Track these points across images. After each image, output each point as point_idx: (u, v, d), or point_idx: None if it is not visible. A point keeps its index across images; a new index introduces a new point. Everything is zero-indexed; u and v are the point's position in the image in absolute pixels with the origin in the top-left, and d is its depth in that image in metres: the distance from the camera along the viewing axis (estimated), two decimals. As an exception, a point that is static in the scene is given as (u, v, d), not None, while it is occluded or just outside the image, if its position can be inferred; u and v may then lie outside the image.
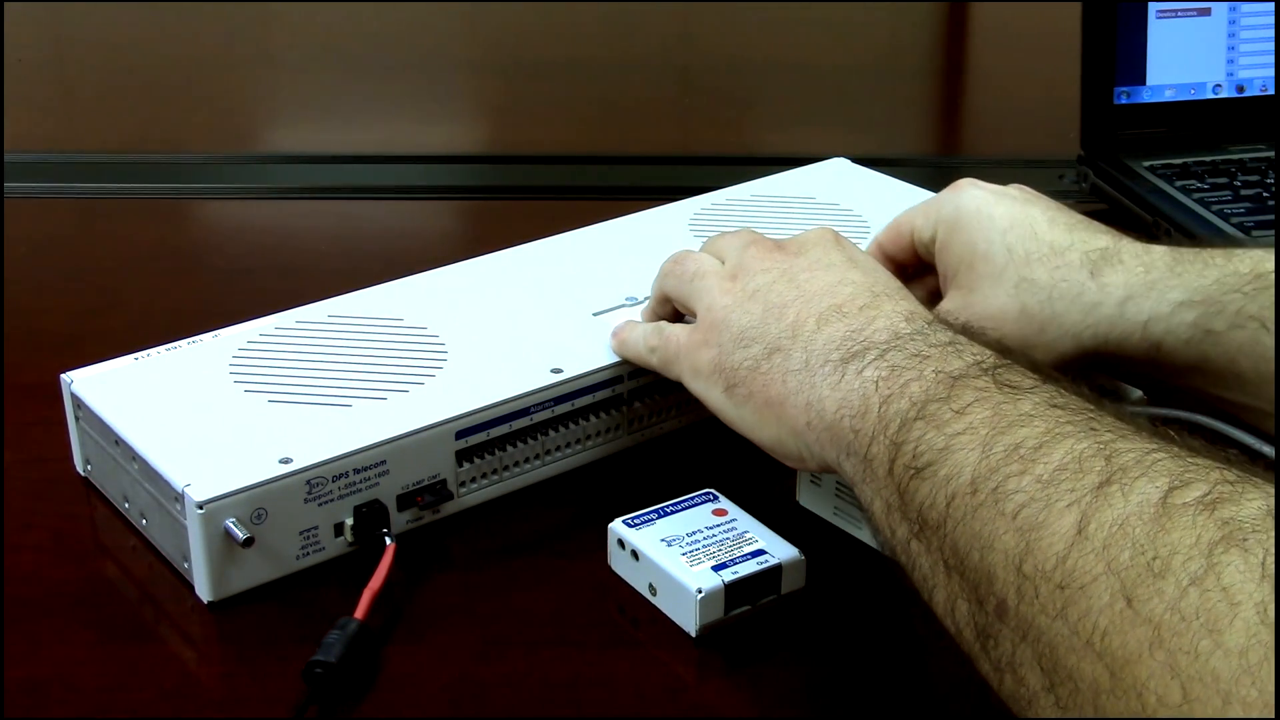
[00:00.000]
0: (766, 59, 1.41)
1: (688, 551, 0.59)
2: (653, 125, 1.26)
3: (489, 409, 0.64)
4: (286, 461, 0.60)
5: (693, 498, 0.63)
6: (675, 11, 1.54)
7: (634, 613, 0.60)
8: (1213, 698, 0.35)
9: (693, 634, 0.58)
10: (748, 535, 0.60)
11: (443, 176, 1.13)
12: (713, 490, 0.63)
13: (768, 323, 0.58)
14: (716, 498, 0.63)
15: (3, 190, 1.03)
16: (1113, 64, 0.99)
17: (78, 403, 0.66)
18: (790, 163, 0.94)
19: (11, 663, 0.56)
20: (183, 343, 0.69)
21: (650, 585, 0.60)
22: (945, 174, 0.95)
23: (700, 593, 0.57)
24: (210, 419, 0.63)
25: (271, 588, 0.60)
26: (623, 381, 0.68)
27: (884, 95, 1.35)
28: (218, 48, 1.44)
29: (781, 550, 0.59)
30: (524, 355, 0.68)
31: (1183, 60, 1.00)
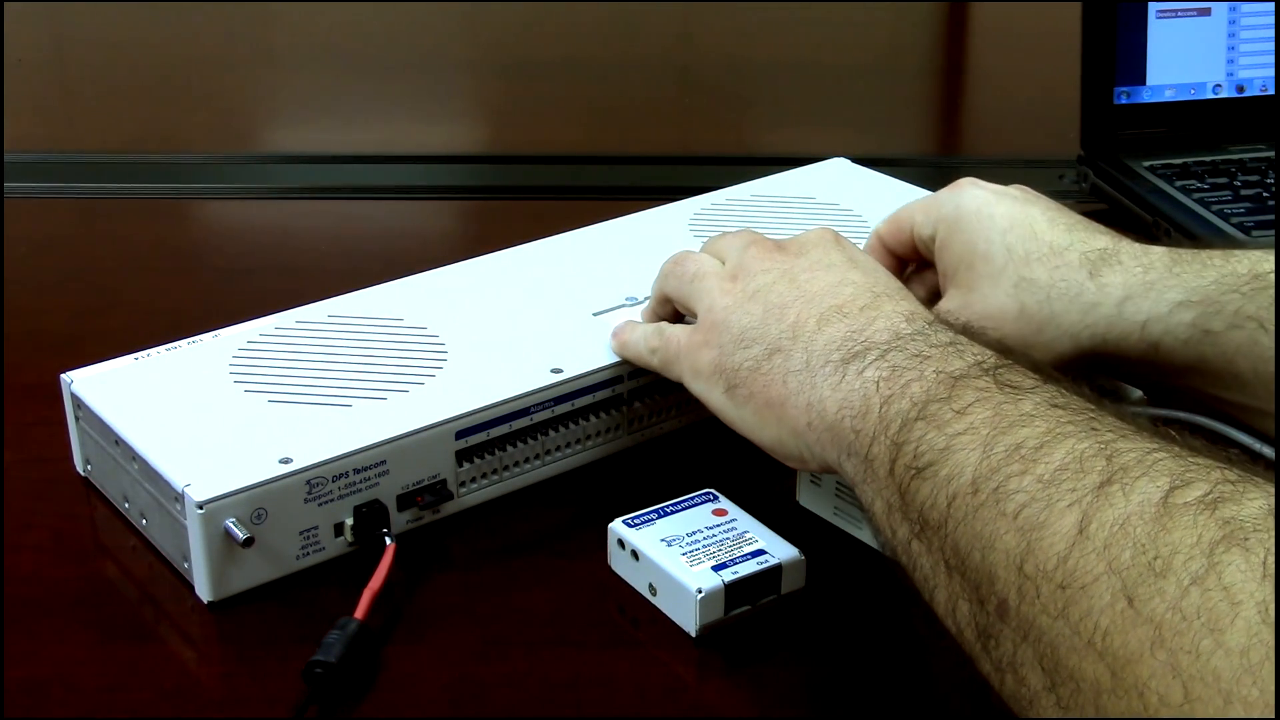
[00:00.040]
0: (766, 59, 1.41)
1: (688, 551, 0.59)
2: (653, 125, 1.26)
3: (489, 409, 0.64)
4: (286, 461, 0.59)
5: (693, 498, 0.63)
6: (675, 11, 1.54)
7: (634, 613, 0.60)
8: (1214, 697, 0.35)
9: (693, 634, 0.58)
10: (748, 535, 0.60)
11: (443, 176, 1.13)
12: (713, 490, 0.63)
13: (768, 323, 0.58)
14: (716, 498, 0.63)
15: (3, 190, 1.03)
16: (1113, 64, 0.99)
17: (78, 403, 0.66)
18: (790, 163, 0.94)
19: (11, 663, 0.56)
20: (183, 343, 0.69)
21: (650, 585, 0.60)
22: (945, 174, 0.95)
23: (700, 593, 0.57)
24: (210, 419, 0.63)
25: (271, 588, 0.60)
26: (623, 381, 0.68)
27: (884, 95, 1.34)
28: (218, 48, 1.44)
29: (781, 550, 0.59)
30: (524, 355, 0.68)
31: (1183, 60, 1.00)
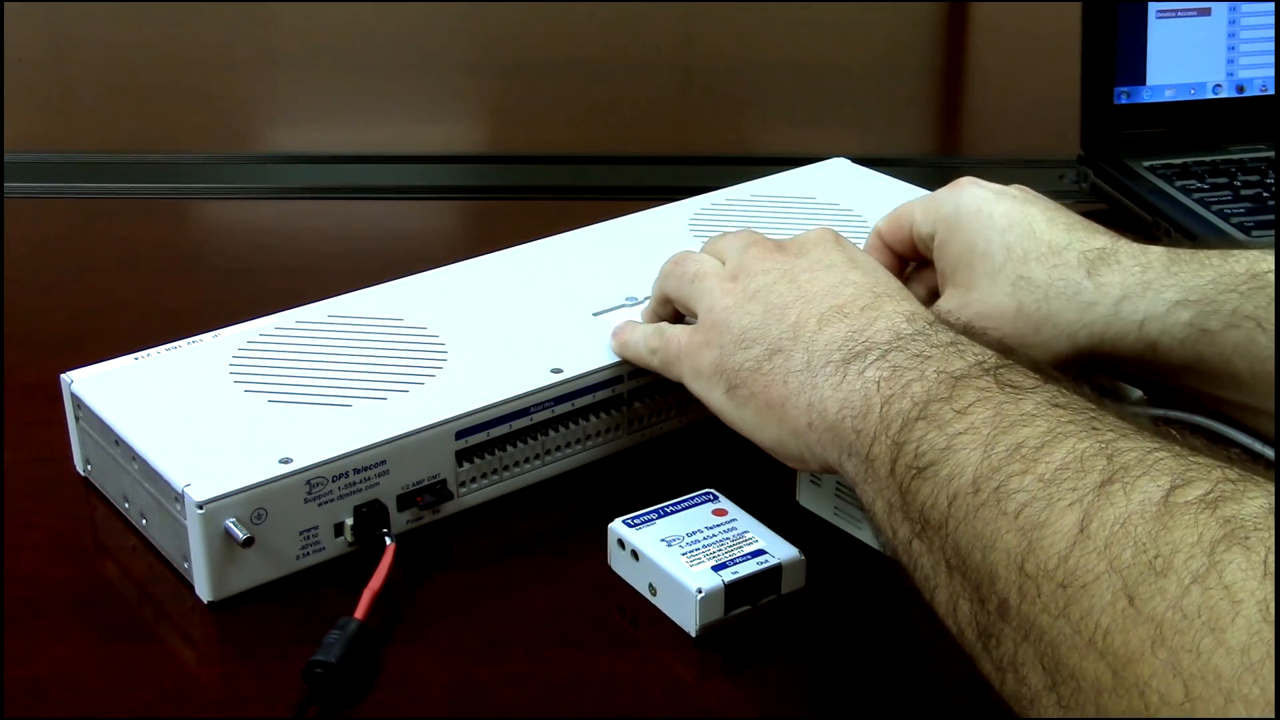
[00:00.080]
0: (766, 59, 1.41)
1: (688, 551, 0.59)
2: (653, 125, 1.26)
3: (489, 409, 0.64)
4: (286, 461, 0.59)
5: (693, 498, 0.63)
6: (676, 12, 1.54)
7: (634, 613, 0.60)
8: (1215, 696, 0.35)
9: (693, 634, 0.58)
10: (748, 535, 0.60)
11: (443, 176, 1.13)
12: (713, 490, 0.63)
13: (769, 323, 0.58)
14: (716, 498, 0.63)
15: (3, 190, 1.03)
16: (1113, 64, 0.99)
17: (78, 403, 0.66)
18: (790, 163, 0.94)
19: (11, 663, 0.56)
20: (183, 343, 0.69)
21: (650, 585, 0.60)
22: (945, 174, 0.95)
23: (700, 593, 0.57)
24: (210, 419, 0.63)
25: (271, 588, 0.60)
26: (623, 381, 0.68)
27: (884, 95, 1.35)
28: (218, 48, 1.44)
29: (781, 550, 0.59)
30: (524, 355, 0.68)
31: (1183, 60, 1.00)
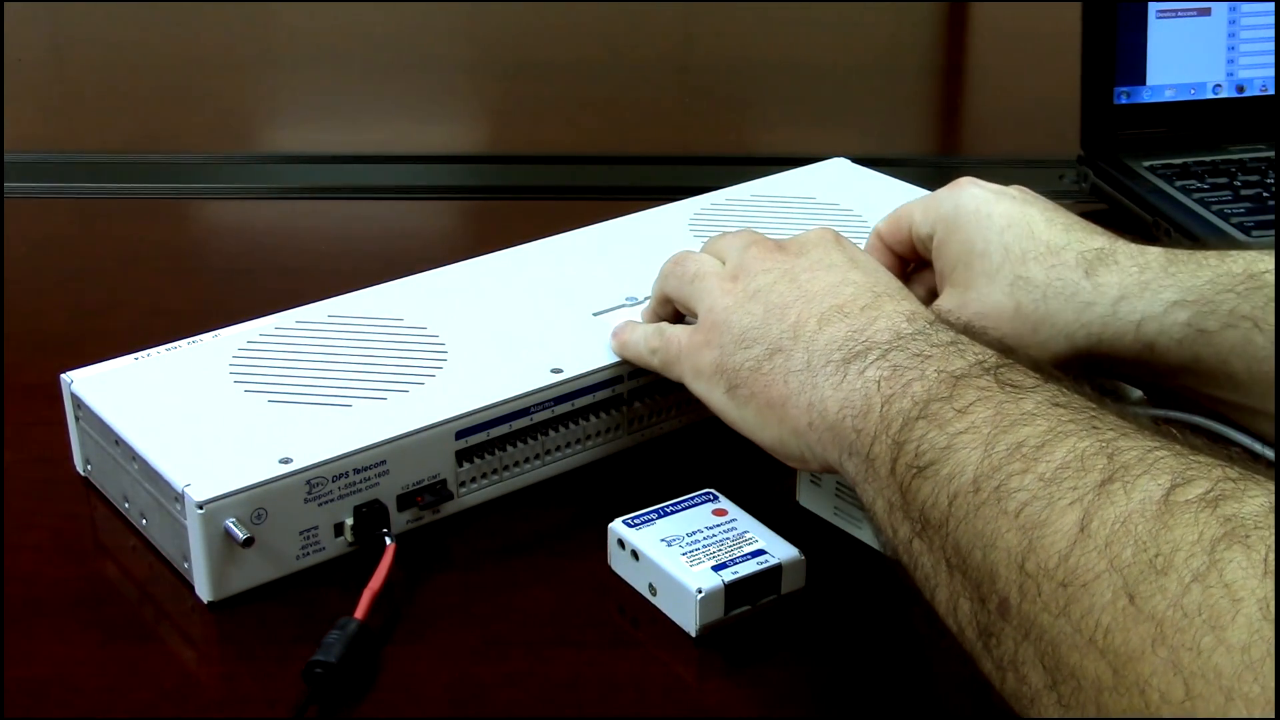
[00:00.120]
0: (766, 59, 1.41)
1: (688, 551, 0.59)
2: (653, 125, 1.26)
3: (489, 409, 0.64)
4: (286, 461, 0.59)
5: (693, 498, 0.63)
6: (676, 12, 1.54)
7: (634, 613, 0.60)
8: (1215, 694, 0.35)
9: (693, 634, 0.58)
10: (748, 535, 0.60)
11: (443, 176, 1.13)
12: (713, 490, 0.63)
13: (769, 323, 0.58)
14: (716, 498, 0.63)
15: (3, 190, 1.03)
16: (1113, 64, 0.99)
17: (78, 403, 0.66)
18: (790, 163, 0.94)
19: (11, 663, 0.56)
20: (183, 343, 0.69)
21: (650, 585, 0.60)
22: (945, 174, 0.95)
23: (700, 593, 0.57)
24: (210, 419, 0.63)
25: (271, 588, 0.60)
26: (623, 381, 0.68)
27: (884, 95, 1.34)
28: (218, 48, 1.44)
29: (781, 550, 0.59)
30: (524, 355, 0.68)
31: (1183, 60, 1.00)
